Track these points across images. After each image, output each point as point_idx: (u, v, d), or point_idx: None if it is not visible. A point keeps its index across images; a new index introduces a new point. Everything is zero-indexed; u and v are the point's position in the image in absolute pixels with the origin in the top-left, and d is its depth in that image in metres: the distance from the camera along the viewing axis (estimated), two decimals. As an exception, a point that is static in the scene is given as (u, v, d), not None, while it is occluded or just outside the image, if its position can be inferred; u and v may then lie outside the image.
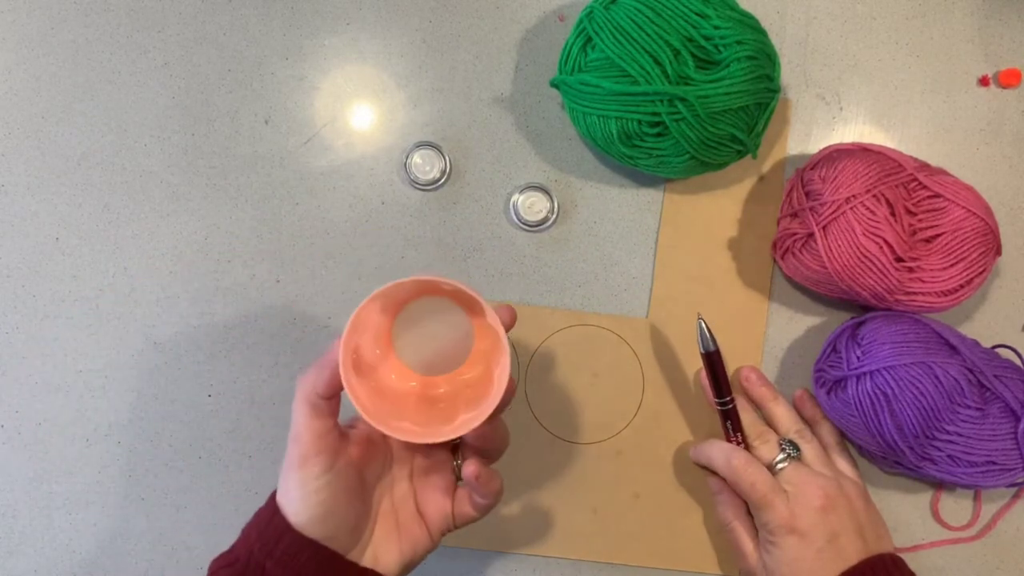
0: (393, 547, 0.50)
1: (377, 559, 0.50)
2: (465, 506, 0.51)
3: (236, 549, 0.49)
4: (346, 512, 0.48)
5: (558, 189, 0.67)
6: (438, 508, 0.51)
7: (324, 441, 0.47)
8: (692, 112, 0.57)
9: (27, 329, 0.66)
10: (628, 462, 0.65)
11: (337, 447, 0.48)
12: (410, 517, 0.51)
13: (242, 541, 0.49)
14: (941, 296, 0.59)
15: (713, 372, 0.58)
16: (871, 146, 0.61)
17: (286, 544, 0.46)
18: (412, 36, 0.68)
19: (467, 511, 0.51)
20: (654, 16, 0.57)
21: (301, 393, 0.47)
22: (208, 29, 0.67)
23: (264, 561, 0.47)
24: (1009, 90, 0.68)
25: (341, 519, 0.48)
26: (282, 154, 0.67)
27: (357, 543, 0.49)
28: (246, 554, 0.47)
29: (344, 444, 0.49)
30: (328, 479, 0.47)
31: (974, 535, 0.65)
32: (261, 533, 0.47)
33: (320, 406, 0.47)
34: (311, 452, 0.47)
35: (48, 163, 0.66)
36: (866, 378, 0.59)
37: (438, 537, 0.52)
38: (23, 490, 0.65)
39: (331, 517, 0.47)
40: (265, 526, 0.47)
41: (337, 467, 0.47)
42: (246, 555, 0.47)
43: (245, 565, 0.47)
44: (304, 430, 0.47)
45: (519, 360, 0.66)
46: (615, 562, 0.65)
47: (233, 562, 0.48)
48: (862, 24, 0.68)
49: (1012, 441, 0.57)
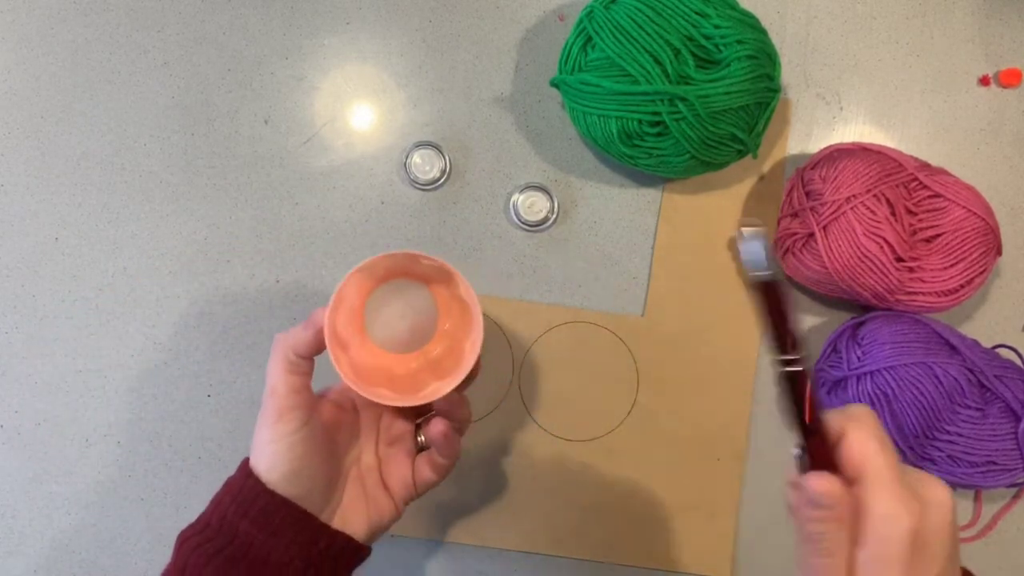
0: (361, 513, 0.52)
1: (346, 523, 0.51)
2: (425, 471, 0.52)
3: (205, 516, 0.49)
4: (318, 471, 0.49)
5: (558, 189, 0.67)
6: (401, 477, 0.53)
7: (300, 396, 0.48)
8: (692, 111, 0.57)
9: (27, 329, 0.66)
10: (621, 460, 0.65)
11: (311, 405, 0.49)
12: (375, 486, 0.53)
13: (212, 507, 0.49)
14: (941, 296, 0.59)
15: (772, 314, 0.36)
16: (871, 146, 0.61)
17: (262, 504, 0.47)
18: (412, 36, 0.68)
19: (427, 476, 0.52)
20: (654, 15, 0.57)
21: (279, 350, 0.48)
22: (208, 29, 0.67)
23: (238, 522, 0.47)
24: (1009, 90, 0.68)
25: (314, 477, 0.49)
26: (282, 154, 0.67)
27: (327, 505, 0.50)
28: (218, 518, 0.48)
29: (318, 405, 0.50)
30: (303, 435, 0.48)
31: (974, 535, 0.65)
32: (235, 496, 0.48)
33: (297, 363, 0.48)
34: (286, 406, 0.48)
35: (48, 163, 0.66)
36: (866, 378, 0.59)
37: (402, 506, 0.53)
38: (23, 490, 0.65)
39: (304, 474, 0.48)
40: (239, 489, 0.48)
41: (311, 424, 0.49)
42: (218, 519, 0.48)
43: (218, 529, 0.48)
44: (280, 383, 0.48)
45: (513, 356, 0.66)
46: (607, 560, 0.65)
47: (203, 528, 0.48)
48: (862, 24, 0.68)
49: (1012, 441, 0.57)
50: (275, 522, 0.47)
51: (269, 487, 0.48)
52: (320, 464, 0.49)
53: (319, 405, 0.51)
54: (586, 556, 0.65)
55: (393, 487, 0.53)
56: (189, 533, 0.49)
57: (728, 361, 0.66)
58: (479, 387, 0.64)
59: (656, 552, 0.65)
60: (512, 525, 0.65)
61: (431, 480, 0.53)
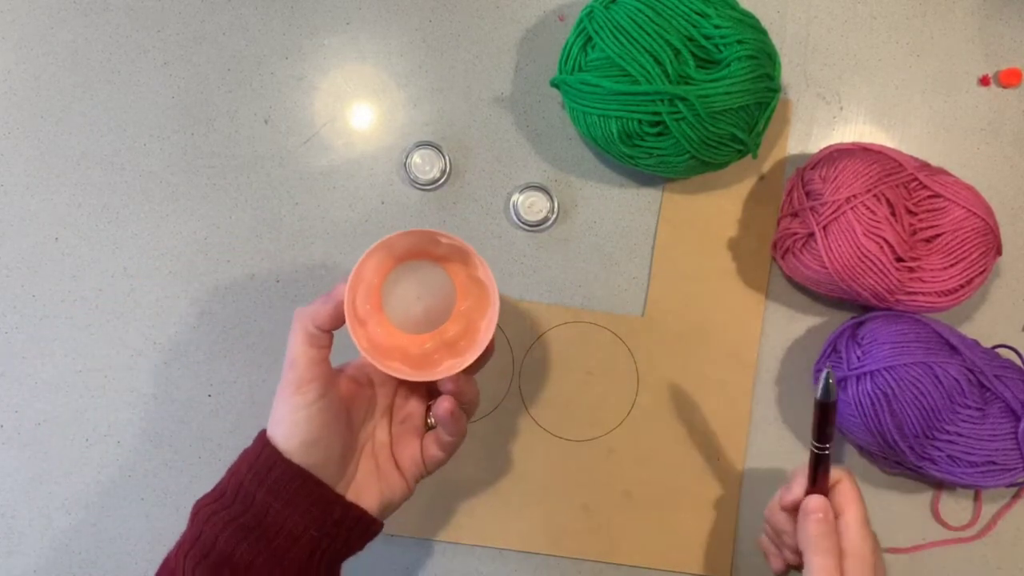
0: (374, 488, 0.52)
1: (359, 497, 0.51)
2: (432, 449, 0.53)
3: (222, 485, 0.50)
4: (334, 442, 0.50)
5: (558, 189, 0.67)
6: (411, 454, 0.53)
7: (319, 368, 0.49)
8: (692, 111, 0.57)
9: (27, 329, 0.65)
10: (620, 460, 0.65)
11: (330, 378, 0.50)
12: (387, 462, 0.53)
13: (229, 476, 0.50)
14: (941, 296, 0.59)
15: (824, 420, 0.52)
16: (871, 146, 0.61)
17: (279, 472, 0.48)
18: (412, 36, 0.68)
19: (434, 453, 0.53)
20: (654, 15, 0.57)
21: (300, 323, 0.49)
22: (208, 29, 0.67)
23: (255, 491, 0.48)
24: (1009, 90, 0.68)
25: (330, 448, 0.50)
26: (282, 154, 0.67)
27: (342, 478, 0.51)
28: (235, 486, 0.49)
29: (336, 378, 0.51)
30: (321, 405, 0.49)
31: (974, 535, 0.65)
32: (251, 465, 0.49)
33: (317, 336, 0.49)
34: (306, 377, 0.49)
35: (48, 163, 0.66)
36: (866, 378, 0.59)
37: (413, 483, 0.54)
38: (23, 490, 0.65)
39: (321, 443, 0.49)
40: (255, 459, 0.49)
41: (329, 397, 0.49)
42: (235, 487, 0.49)
43: (234, 497, 0.48)
44: (300, 355, 0.49)
45: (513, 356, 0.66)
46: (607, 560, 0.65)
47: (220, 496, 0.49)
48: (863, 23, 0.68)
49: (1012, 441, 0.57)
50: (291, 490, 0.48)
51: (286, 456, 0.48)
52: (336, 436, 0.50)
53: (337, 379, 0.51)
54: (586, 556, 0.65)
55: (404, 464, 0.54)
56: (205, 501, 0.49)
57: (728, 361, 0.66)
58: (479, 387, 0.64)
59: (656, 552, 0.65)
60: (512, 525, 0.65)
61: (439, 458, 0.53)
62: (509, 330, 0.66)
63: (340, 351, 0.52)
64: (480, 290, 0.53)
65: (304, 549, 0.48)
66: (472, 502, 0.65)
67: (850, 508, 0.52)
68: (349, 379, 0.53)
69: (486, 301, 0.52)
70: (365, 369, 0.54)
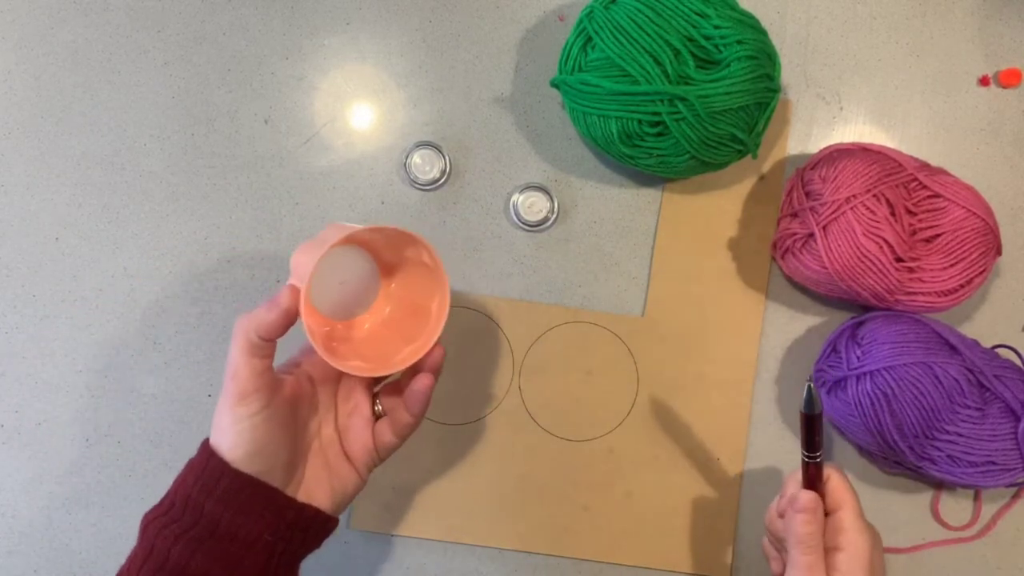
0: (325, 485, 0.52)
1: (311, 496, 0.51)
2: (386, 435, 0.53)
3: (169, 496, 0.49)
4: (280, 447, 0.50)
5: (558, 189, 0.67)
6: (362, 445, 0.53)
7: (262, 379, 0.48)
8: (692, 112, 0.57)
9: (27, 329, 0.66)
10: (620, 460, 0.65)
11: (273, 386, 0.49)
12: (337, 456, 0.53)
13: (175, 489, 0.49)
14: (941, 296, 0.59)
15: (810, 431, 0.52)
16: (871, 146, 0.61)
17: (227, 482, 0.48)
18: (412, 36, 0.68)
19: (388, 439, 0.53)
20: (654, 16, 0.57)
21: (242, 332, 0.48)
22: (208, 29, 0.67)
23: (204, 501, 0.48)
24: (1009, 90, 0.68)
25: (276, 454, 0.49)
26: (282, 154, 0.67)
27: (291, 480, 0.51)
28: (183, 498, 0.48)
29: (279, 384, 0.51)
30: (265, 415, 0.48)
31: (974, 535, 0.65)
32: (198, 477, 0.48)
33: (260, 346, 0.48)
34: (249, 389, 0.48)
35: (48, 163, 0.66)
36: (866, 378, 0.59)
37: (365, 473, 0.54)
38: (23, 490, 0.65)
39: (267, 451, 0.49)
40: (202, 470, 0.48)
41: (273, 405, 0.49)
42: (183, 499, 0.48)
43: (183, 509, 0.48)
44: (243, 366, 0.48)
45: (513, 356, 0.66)
46: (606, 560, 0.65)
47: (168, 509, 0.48)
48: (862, 24, 0.68)
49: (1012, 441, 0.57)
50: (241, 499, 0.48)
51: (232, 466, 0.48)
52: (282, 441, 0.50)
53: (281, 385, 0.51)
54: (586, 556, 0.65)
55: (355, 456, 0.53)
56: (153, 515, 0.49)
57: (728, 361, 0.66)
58: (479, 387, 0.65)
59: (656, 552, 0.65)
60: (512, 525, 0.65)
61: (393, 443, 0.53)
62: (509, 330, 0.66)
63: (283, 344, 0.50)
64: (421, 271, 0.53)
65: (260, 555, 0.48)
66: (472, 502, 0.65)
67: (843, 504, 0.52)
68: (292, 379, 0.52)
69: (431, 282, 0.52)
70: (304, 367, 0.53)
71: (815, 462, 0.52)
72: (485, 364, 0.66)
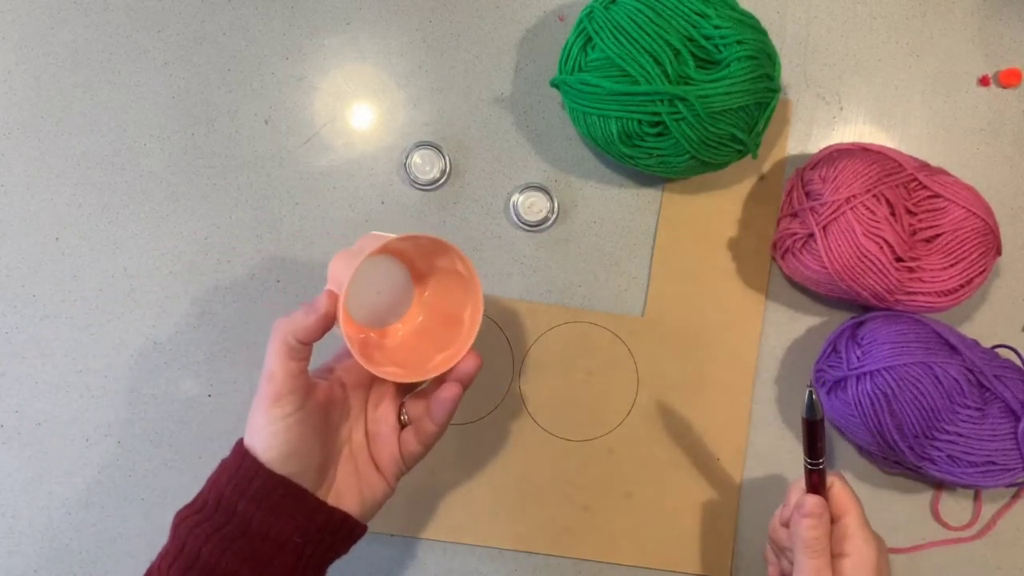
0: (354, 490, 0.52)
1: (340, 501, 0.52)
2: (411, 444, 0.53)
3: (203, 495, 0.50)
4: (313, 450, 0.50)
5: (558, 189, 0.67)
6: (389, 453, 0.53)
7: (297, 381, 0.49)
8: (692, 112, 0.57)
9: (27, 329, 0.65)
10: (621, 461, 0.65)
11: (308, 389, 0.50)
12: (366, 463, 0.54)
13: (209, 487, 0.50)
14: (941, 296, 0.59)
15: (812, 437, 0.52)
16: (871, 146, 0.61)
17: (260, 482, 0.48)
18: (412, 36, 0.68)
19: (413, 448, 0.53)
20: (654, 16, 0.57)
21: (279, 335, 0.49)
22: (208, 29, 0.67)
23: (237, 501, 0.48)
24: (1009, 90, 0.68)
25: (309, 456, 0.50)
26: (282, 154, 0.67)
27: (322, 483, 0.51)
28: (216, 497, 0.49)
29: (314, 388, 0.51)
30: (299, 417, 0.49)
31: (974, 535, 0.65)
32: (232, 476, 0.49)
33: (297, 349, 0.49)
34: (284, 390, 0.48)
35: (48, 163, 0.66)
36: (866, 378, 0.59)
37: (394, 481, 0.54)
38: (23, 490, 0.65)
39: (300, 453, 0.49)
40: (236, 469, 0.49)
41: (307, 407, 0.49)
42: (216, 498, 0.49)
43: (215, 507, 0.48)
44: (279, 369, 0.48)
45: (513, 356, 0.66)
46: (607, 560, 0.65)
47: (201, 507, 0.49)
48: (862, 24, 0.68)
49: (1012, 441, 0.57)
50: (273, 500, 0.48)
51: (266, 467, 0.48)
52: (315, 444, 0.50)
53: (315, 389, 0.51)
54: (586, 556, 0.65)
55: (383, 463, 0.54)
56: (186, 513, 0.49)
57: (728, 361, 0.66)
58: (479, 387, 0.65)
59: (656, 552, 0.65)
60: (512, 525, 0.65)
61: (418, 452, 0.54)
62: (509, 330, 0.66)
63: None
64: (455, 280, 0.53)
65: (290, 556, 0.48)
66: (472, 502, 0.65)
67: (848, 511, 0.52)
68: (326, 384, 0.53)
69: (464, 291, 0.52)
70: (337, 373, 0.54)
71: (818, 469, 0.52)
72: (485, 364, 0.65)
